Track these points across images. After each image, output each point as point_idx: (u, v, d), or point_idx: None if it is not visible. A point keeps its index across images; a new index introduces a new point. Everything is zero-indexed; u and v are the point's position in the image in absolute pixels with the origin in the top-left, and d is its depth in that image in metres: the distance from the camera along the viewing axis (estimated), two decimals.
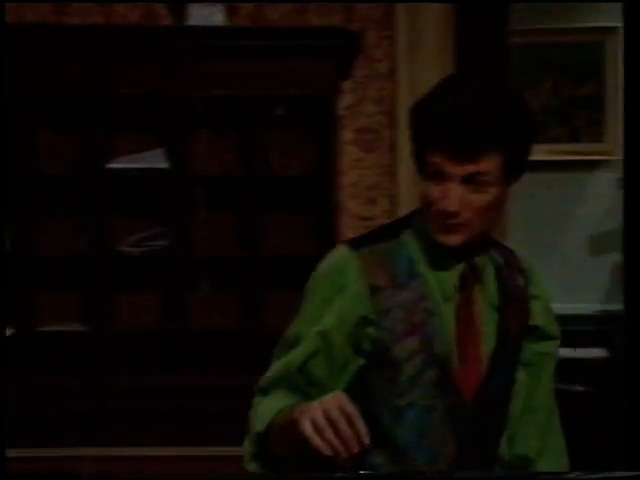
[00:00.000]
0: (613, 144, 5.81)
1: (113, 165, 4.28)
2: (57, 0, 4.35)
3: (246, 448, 2.04)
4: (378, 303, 2.03)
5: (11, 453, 3.31)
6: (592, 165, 5.87)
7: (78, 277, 4.38)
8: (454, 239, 2.05)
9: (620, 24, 5.71)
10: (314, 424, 1.74)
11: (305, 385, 2.03)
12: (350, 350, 2.03)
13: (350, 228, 4.45)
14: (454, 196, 2.01)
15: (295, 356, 2.04)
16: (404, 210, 3.28)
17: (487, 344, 2.07)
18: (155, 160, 4.29)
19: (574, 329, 4.99)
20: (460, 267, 2.09)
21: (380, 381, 2.03)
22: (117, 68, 4.21)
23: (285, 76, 4.20)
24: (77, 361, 4.31)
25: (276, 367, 2.07)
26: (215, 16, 4.21)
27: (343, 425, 1.73)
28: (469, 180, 2.01)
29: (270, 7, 4.40)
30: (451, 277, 2.08)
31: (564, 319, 2.33)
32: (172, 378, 4.33)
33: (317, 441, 1.74)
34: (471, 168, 1.99)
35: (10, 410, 2.70)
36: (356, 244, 2.10)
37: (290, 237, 4.44)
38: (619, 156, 5.81)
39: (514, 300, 2.13)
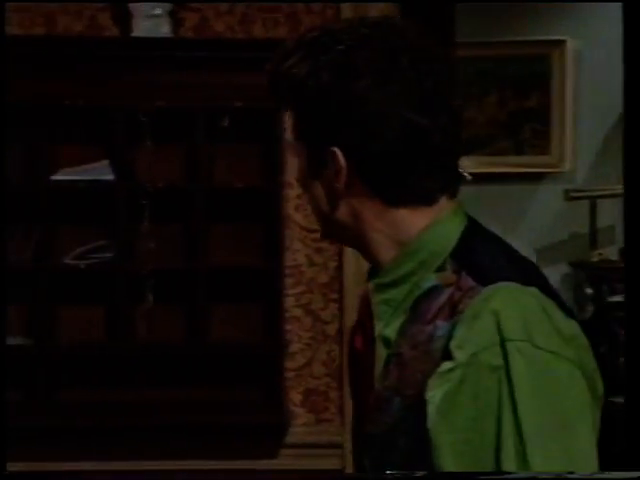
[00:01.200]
0: (559, 156, 5.84)
1: (57, 177, 4.23)
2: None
3: None
4: None
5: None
6: (538, 177, 5.89)
7: (22, 290, 4.31)
8: None
9: (566, 37, 5.74)
10: None
11: None
12: None
13: (296, 240, 4.42)
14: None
15: None
16: None
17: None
18: (100, 172, 4.24)
19: None
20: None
21: None
22: (61, 79, 4.16)
23: (230, 88, 4.16)
24: (20, 375, 4.24)
25: None
26: (160, 27, 4.17)
27: None
28: None
29: (216, 19, 4.37)
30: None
31: None
32: (116, 392, 4.27)
33: None
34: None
35: None
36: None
37: (236, 250, 4.40)
38: (565, 168, 5.83)
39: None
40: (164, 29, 4.20)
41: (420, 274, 1.52)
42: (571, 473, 1.45)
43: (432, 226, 1.52)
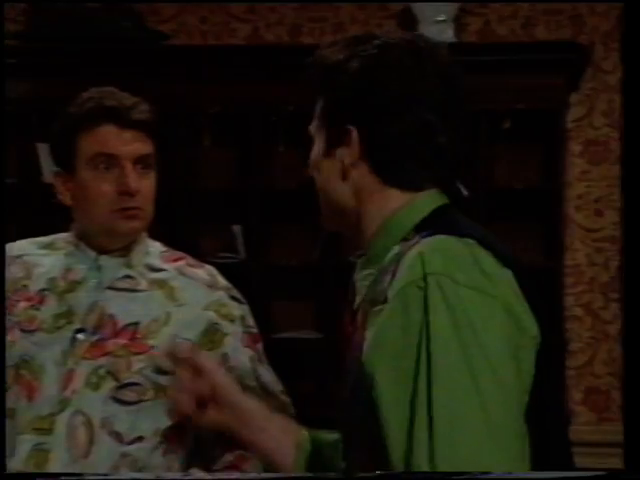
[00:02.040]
0: None
1: None
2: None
3: None
4: None
5: None
6: None
7: (311, 286, 4.52)
8: None
9: None
10: None
11: None
12: None
13: (576, 240, 4.43)
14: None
15: None
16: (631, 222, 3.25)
17: None
18: None
19: None
20: None
21: None
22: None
23: (512, 90, 4.22)
24: (311, 367, 4.44)
25: None
26: (444, 33, 4.29)
27: None
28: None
29: (499, 23, 4.44)
30: None
31: None
32: None
33: None
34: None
35: None
36: None
37: (515, 249, 4.44)
38: None
39: None
40: (448, 34, 4.31)
41: (391, 248, 1.63)
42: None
43: (407, 204, 1.66)
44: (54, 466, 2.19)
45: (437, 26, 4.28)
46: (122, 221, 2.23)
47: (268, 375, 2.32)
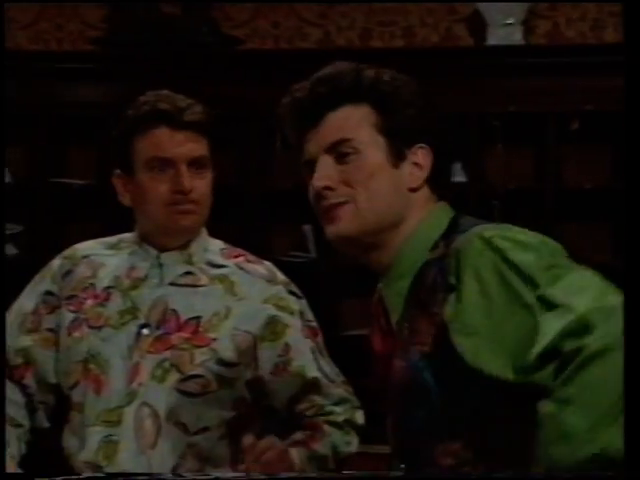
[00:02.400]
0: None
1: None
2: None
3: None
4: None
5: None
6: None
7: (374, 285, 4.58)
8: (340, 228, 1.77)
9: None
10: None
11: None
12: None
13: None
14: (321, 169, 1.78)
15: None
16: None
17: None
18: (454, 173, 4.43)
19: None
20: None
21: None
22: (419, 86, 4.39)
23: (580, 92, 4.25)
24: None
25: None
26: (513, 36, 4.33)
27: None
28: (334, 151, 1.76)
29: (567, 25, 4.48)
30: None
31: None
32: None
33: None
34: (329, 130, 1.76)
35: None
36: None
37: (579, 249, 4.46)
38: None
39: None
40: (516, 37, 4.35)
41: (422, 258, 1.71)
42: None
43: (431, 216, 1.75)
44: (123, 457, 2.26)
45: (506, 29, 4.33)
46: (178, 217, 2.29)
47: (329, 367, 2.39)
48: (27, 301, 2.41)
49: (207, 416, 2.29)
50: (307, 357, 2.35)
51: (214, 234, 2.44)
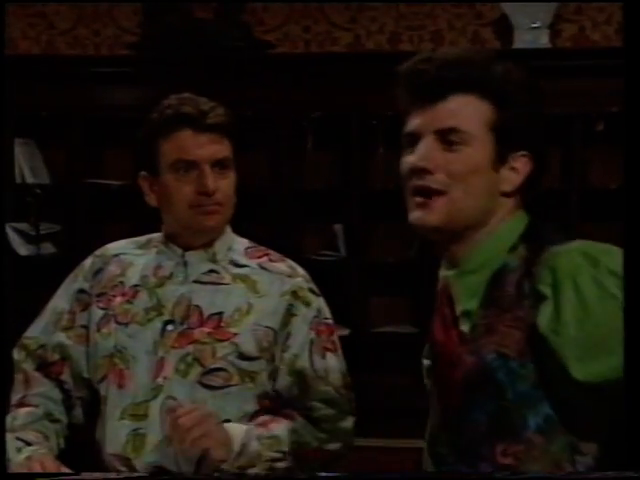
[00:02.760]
0: None
1: None
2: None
3: None
4: None
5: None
6: None
7: (407, 282, 4.63)
8: (429, 217, 1.76)
9: None
10: None
11: None
12: None
13: None
14: (423, 150, 1.73)
15: None
16: None
17: None
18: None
19: None
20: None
21: None
22: None
23: (606, 94, 4.28)
24: (408, 361, 4.54)
25: None
26: (540, 39, 4.37)
27: None
28: (444, 136, 1.74)
29: (593, 29, 4.52)
30: None
31: None
32: None
33: None
34: (444, 113, 1.74)
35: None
36: None
37: None
38: None
39: None
40: (543, 40, 4.40)
41: (500, 257, 1.72)
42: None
43: (514, 218, 1.75)
44: (150, 449, 2.30)
45: (532, 32, 4.38)
46: (201, 217, 2.33)
47: (323, 364, 2.38)
48: (62, 299, 2.47)
49: (229, 409, 2.32)
50: (303, 348, 2.37)
51: (246, 234, 2.49)
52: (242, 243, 2.47)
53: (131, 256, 2.47)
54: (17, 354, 2.46)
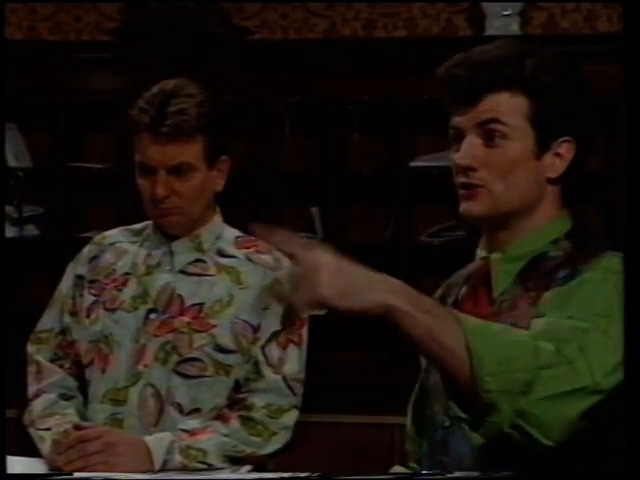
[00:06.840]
0: None
1: (416, 163, 4.49)
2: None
3: None
4: None
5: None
6: None
7: (383, 263, 4.60)
8: (474, 208, 1.76)
9: None
10: None
11: None
12: None
13: None
14: (467, 148, 1.72)
15: None
16: None
17: None
18: (450, 159, 4.46)
19: None
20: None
21: None
22: (419, 76, 4.40)
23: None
24: (382, 338, 4.53)
25: None
26: (510, 26, 4.35)
27: None
28: (485, 130, 1.72)
29: (562, 16, 4.51)
30: None
31: None
32: None
33: None
34: (483, 111, 1.72)
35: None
36: None
37: None
38: None
39: None
40: (513, 27, 4.37)
41: (543, 248, 1.74)
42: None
43: (561, 217, 1.76)
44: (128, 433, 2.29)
45: (503, 20, 4.35)
46: (159, 218, 2.35)
47: (277, 354, 2.34)
48: (64, 284, 2.48)
49: (201, 399, 2.31)
50: (263, 337, 2.34)
51: (224, 217, 2.47)
52: (232, 233, 2.45)
53: (126, 244, 2.45)
54: (30, 347, 2.45)
